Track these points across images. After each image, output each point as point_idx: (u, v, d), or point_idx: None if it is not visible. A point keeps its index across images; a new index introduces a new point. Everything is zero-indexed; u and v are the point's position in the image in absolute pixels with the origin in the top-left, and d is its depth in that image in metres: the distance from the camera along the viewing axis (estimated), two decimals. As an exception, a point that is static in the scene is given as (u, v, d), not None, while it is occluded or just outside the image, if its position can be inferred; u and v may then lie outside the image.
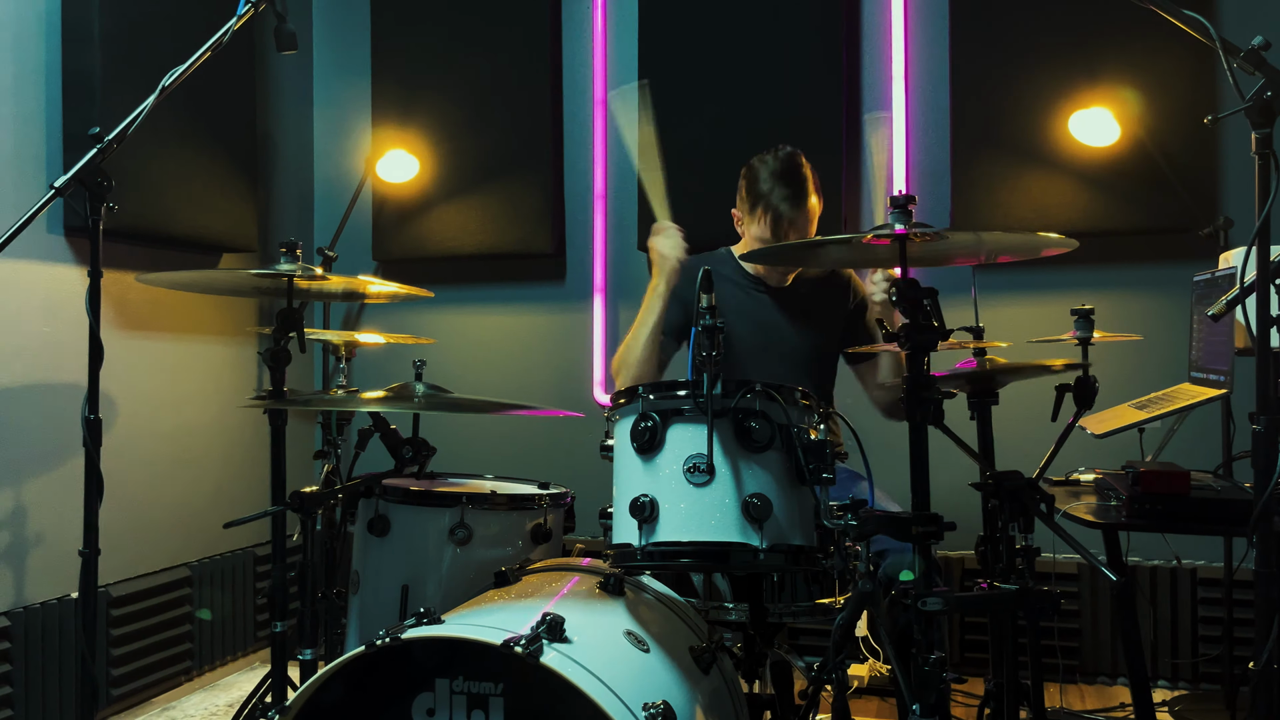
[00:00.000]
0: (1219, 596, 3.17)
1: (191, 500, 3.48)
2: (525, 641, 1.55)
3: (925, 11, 3.55)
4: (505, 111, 3.83)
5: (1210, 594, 3.24)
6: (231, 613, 3.63)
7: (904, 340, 1.74)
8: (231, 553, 3.65)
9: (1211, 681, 3.23)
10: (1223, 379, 2.43)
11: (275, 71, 3.95)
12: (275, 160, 3.96)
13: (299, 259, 2.24)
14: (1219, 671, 3.15)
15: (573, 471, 2.82)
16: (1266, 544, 1.57)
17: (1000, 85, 3.36)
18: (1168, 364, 3.13)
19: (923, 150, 3.55)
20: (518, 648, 1.54)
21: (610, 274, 3.83)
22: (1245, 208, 3.16)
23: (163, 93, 2.10)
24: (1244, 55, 1.56)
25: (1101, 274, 3.31)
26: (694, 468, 1.75)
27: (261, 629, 3.78)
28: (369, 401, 2.10)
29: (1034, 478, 1.90)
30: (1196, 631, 3.27)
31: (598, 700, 1.51)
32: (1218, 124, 3.24)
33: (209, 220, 3.47)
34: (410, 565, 2.27)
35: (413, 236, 3.92)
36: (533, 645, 1.54)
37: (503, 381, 3.91)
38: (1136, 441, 2.85)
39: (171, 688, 3.34)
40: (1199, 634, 3.27)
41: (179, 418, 3.44)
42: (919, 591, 1.71)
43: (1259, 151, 1.56)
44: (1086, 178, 3.27)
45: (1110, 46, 3.25)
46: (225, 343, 3.67)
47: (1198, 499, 2.20)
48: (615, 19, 3.84)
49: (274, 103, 3.95)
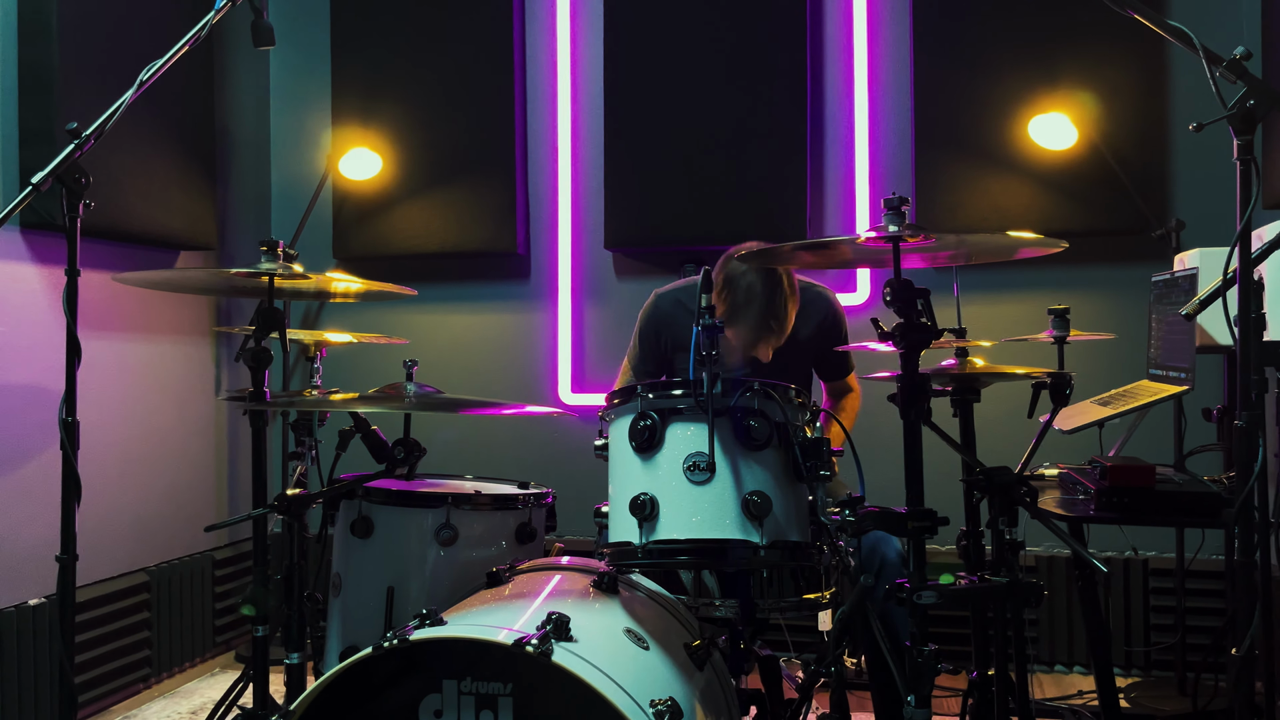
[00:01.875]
0: (1171, 586, 3.28)
1: (147, 504, 3.40)
2: (536, 641, 1.55)
3: (888, 18, 3.61)
4: (468, 109, 3.81)
5: (1162, 584, 3.35)
6: (190, 618, 3.55)
7: (899, 339, 1.78)
8: (190, 557, 3.58)
9: (1164, 669, 3.34)
10: (1184, 376, 2.52)
11: (233, 67, 3.87)
12: (233, 157, 3.89)
13: (279, 257, 2.20)
14: (1171, 659, 3.25)
15: (541, 470, 2.82)
16: (1247, 535, 1.64)
17: (962, 90, 3.43)
18: (1124, 362, 3.22)
19: (886, 153, 3.61)
20: (529, 647, 1.54)
21: (577, 273, 3.83)
22: (1195, 210, 3.28)
23: (141, 87, 2.05)
24: (1226, 65, 1.62)
25: (1058, 274, 3.39)
26: (694, 466, 1.77)
27: (220, 634, 3.71)
28: (363, 401, 2.07)
29: (1021, 473, 1.95)
30: (1149, 621, 3.38)
31: (611, 699, 1.51)
32: (1167, 129, 3.38)
33: (167, 218, 3.40)
34: (395, 567, 2.25)
35: (375, 235, 3.88)
36: (544, 645, 1.55)
37: (468, 380, 3.88)
38: (1096, 437, 2.94)
39: (130, 695, 3.27)
40: (1151, 623, 3.38)
41: (134, 419, 3.36)
42: (914, 585, 1.74)
43: (1241, 157, 1.62)
44: (1045, 180, 3.36)
45: (1068, 53, 3.34)
46: (180, 343, 3.59)
47: (1162, 492, 2.28)
48: (579, 18, 3.83)
49: (232, 99, 3.88)
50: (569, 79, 3.83)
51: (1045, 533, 2.88)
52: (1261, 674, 1.95)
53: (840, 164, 3.64)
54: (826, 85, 3.65)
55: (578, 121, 3.83)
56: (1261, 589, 1.63)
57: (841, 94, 3.64)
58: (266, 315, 2.18)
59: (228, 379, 3.80)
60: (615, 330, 3.79)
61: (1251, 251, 1.69)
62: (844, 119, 3.63)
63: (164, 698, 3.30)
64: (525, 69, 3.87)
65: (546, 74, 3.85)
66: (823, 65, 3.65)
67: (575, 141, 3.83)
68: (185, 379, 3.62)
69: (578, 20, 3.83)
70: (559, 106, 3.83)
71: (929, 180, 3.47)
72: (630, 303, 3.76)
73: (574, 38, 3.83)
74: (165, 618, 3.42)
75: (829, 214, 3.65)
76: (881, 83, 3.61)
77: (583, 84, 3.82)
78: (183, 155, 3.47)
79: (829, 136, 3.65)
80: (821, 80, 3.65)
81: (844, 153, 3.63)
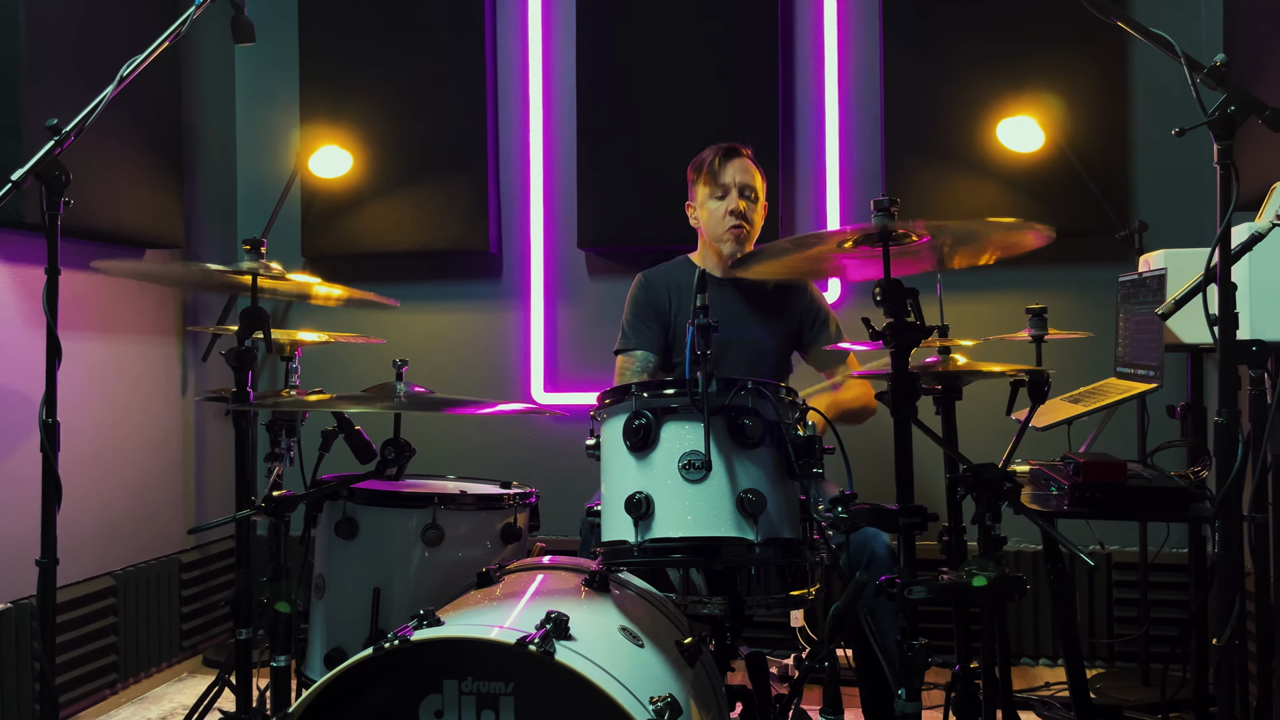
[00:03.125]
0: (1133, 580, 3.36)
1: (114, 506, 3.34)
2: (538, 640, 1.55)
3: (858, 20, 3.65)
4: (440, 108, 3.79)
5: (1124, 577, 3.43)
6: (157, 622, 3.50)
7: (889, 338, 1.81)
8: (156, 560, 3.53)
9: (1127, 660, 3.42)
10: (1152, 374, 2.58)
11: (199, 63, 3.82)
12: (200, 154, 3.83)
13: (262, 256, 2.18)
14: (1134, 650, 3.33)
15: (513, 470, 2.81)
16: (1228, 529, 1.69)
17: (931, 93, 3.48)
18: (1090, 360, 3.29)
19: (856, 154, 3.65)
20: (531, 646, 1.54)
21: (549, 272, 3.82)
22: (1156, 212, 3.37)
23: (121, 83, 2.02)
24: (1207, 72, 1.66)
25: (1027, 275, 3.46)
26: (689, 464, 1.78)
27: (188, 638, 3.66)
28: (351, 401, 2.06)
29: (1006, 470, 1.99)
30: (1112, 613, 3.46)
31: (615, 696, 1.52)
32: (1129, 133, 3.46)
33: (134, 215, 3.34)
34: (380, 568, 2.24)
35: (345, 233, 3.85)
36: (546, 644, 1.55)
37: (439, 380, 3.84)
38: (1064, 433, 3.00)
39: (98, 701, 3.21)
40: (1114, 615, 3.46)
41: (99, 420, 3.30)
42: (904, 580, 1.77)
43: (1221, 162, 1.67)
44: (1013, 182, 3.42)
45: (1034, 57, 3.41)
46: (147, 342, 3.53)
47: (1134, 487, 2.34)
48: (551, 16, 3.83)
49: (198, 95, 3.82)
50: (540, 77, 3.82)
51: (1012, 527, 2.94)
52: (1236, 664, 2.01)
53: (811, 165, 3.67)
54: (797, 87, 3.69)
55: (549, 120, 3.83)
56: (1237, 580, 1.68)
57: (812, 96, 3.67)
58: (250, 315, 2.15)
59: (194, 379, 3.75)
60: (588, 329, 3.79)
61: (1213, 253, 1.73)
62: (815, 120, 3.67)
63: (133, 703, 3.25)
64: (496, 67, 3.86)
65: (518, 72, 3.85)
66: (794, 67, 3.69)
67: (547, 140, 3.82)
68: (152, 379, 3.56)
69: (549, 18, 3.83)
70: (531, 105, 3.82)
71: (898, 181, 3.51)
72: (603, 302, 3.78)
73: (546, 36, 3.83)
74: (132, 622, 3.36)
75: (800, 214, 3.69)
76: (852, 85, 3.65)
77: (554, 82, 3.82)
78: (149, 152, 3.41)
79: (800, 137, 3.68)
80: (792, 82, 3.69)
81: (815, 154, 3.67)
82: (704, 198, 2.84)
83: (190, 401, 3.74)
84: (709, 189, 2.83)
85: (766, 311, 2.87)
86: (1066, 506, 2.36)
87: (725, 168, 2.81)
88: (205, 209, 3.87)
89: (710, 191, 2.82)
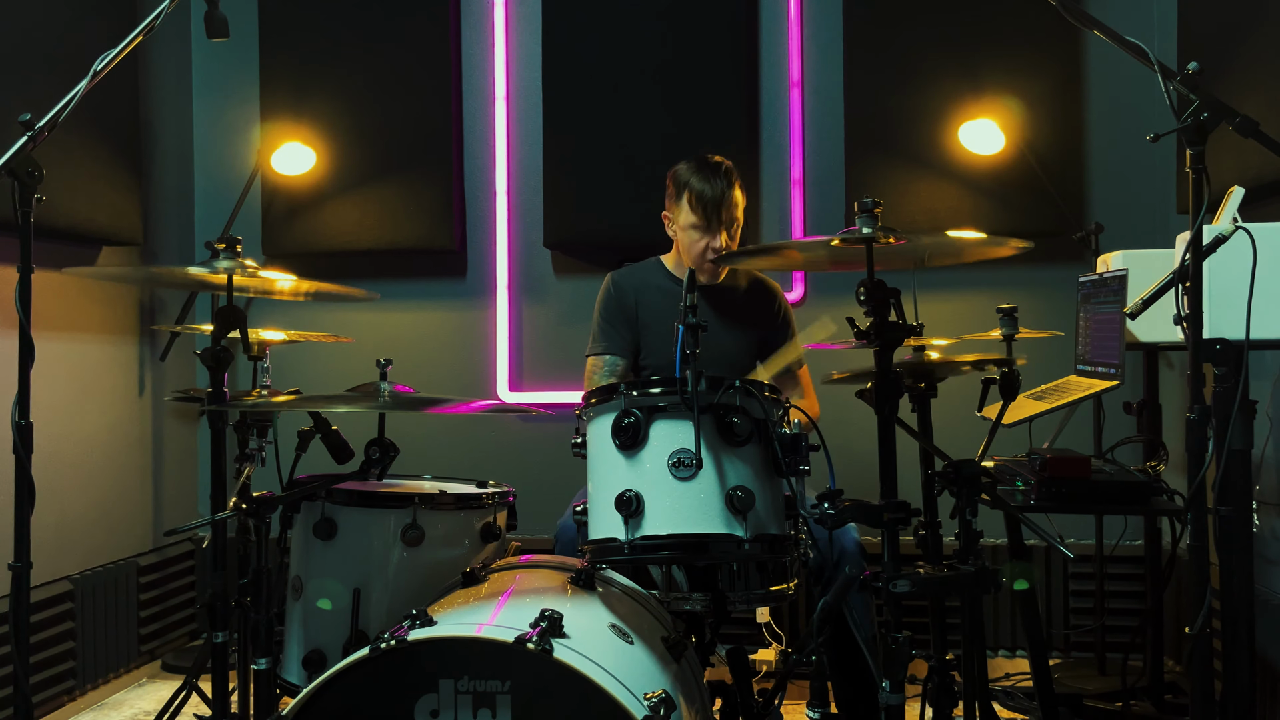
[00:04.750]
0: (1089, 572, 3.45)
1: (71, 509, 3.26)
2: (536, 638, 1.56)
3: (820, 24, 3.69)
4: (405, 105, 3.75)
5: (1081, 569, 3.52)
6: (115, 627, 3.42)
7: (873, 337, 1.84)
8: (114, 564, 3.45)
9: (1083, 650, 3.51)
10: (1114, 371, 2.65)
11: (154, 56, 3.74)
12: (157, 150, 3.75)
13: (238, 255, 2.15)
14: (1091, 640, 3.42)
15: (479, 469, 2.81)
16: (1200, 522, 1.75)
17: (893, 95, 3.53)
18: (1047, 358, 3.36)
19: (819, 156, 3.69)
20: (530, 644, 1.55)
21: (514, 271, 3.81)
22: (1111, 214, 3.45)
23: (95, 78, 1.99)
24: (1180, 79, 1.72)
25: (989, 274, 3.52)
26: (679, 462, 1.80)
27: (145, 643, 3.58)
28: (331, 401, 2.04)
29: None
30: (1068, 605, 3.55)
31: (613, 692, 1.54)
32: (1084, 137, 3.55)
33: (91, 211, 3.26)
34: (359, 568, 2.23)
35: (307, 231, 3.80)
36: (543, 642, 1.56)
37: (403, 378, 3.78)
38: (1025, 430, 3.07)
39: (55, 709, 3.14)
40: (1070, 606, 3.55)
41: (55, 421, 3.22)
42: (889, 574, 1.81)
43: (1193, 167, 1.73)
44: (974, 184, 3.49)
45: (994, 62, 3.47)
46: (104, 342, 3.46)
47: (1098, 481, 2.41)
48: (517, 14, 3.82)
49: (154, 89, 3.74)
50: (506, 75, 3.81)
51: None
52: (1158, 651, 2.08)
53: (775, 166, 3.71)
54: (762, 89, 3.72)
55: (515, 119, 3.81)
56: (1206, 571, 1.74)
57: (777, 97, 3.71)
58: (225, 314, 2.13)
59: (152, 379, 3.68)
60: (554, 328, 3.79)
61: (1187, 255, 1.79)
62: (779, 122, 3.71)
63: (92, 710, 3.18)
64: (462, 64, 3.84)
65: (484, 69, 3.83)
66: (758, 69, 3.71)
67: (513, 139, 3.81)
68: (109, 378, 3.48)
69: (515, 16, 3.82)
70: (496, 103, 3.81)
71: (860, 183, 3.55)
72: (569, 301, 3.78)
73: (512, 34, 3.82)
74: (90, 627, 3.29)
75: (764, 215, 3.72)
76: (815, 87, 3.69)
77: (521, 81, 3.81)
78: (105, 147, 3.33)
79: (764, 139, 3.71)
80: (756, 84, 3.72)
81: (779, 155, 3.70)
82: (686, 223, 2.79)
83: (148, 402, 3.66)
84: (692, 218, 2.76)
85: (735, 318, 2.88)
86: (1034, 501, 2.42)
87: (714, 205, 2.74)
88: (163, 206, 3.79)
89: (694, 221, 2.76)
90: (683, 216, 2.80)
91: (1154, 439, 2.93)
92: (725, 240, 2.77)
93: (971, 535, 1.92)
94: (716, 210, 2.74)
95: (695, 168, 2.80)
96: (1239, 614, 1.93)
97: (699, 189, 2.75)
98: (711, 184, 2.75)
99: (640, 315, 2.89)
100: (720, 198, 2.74)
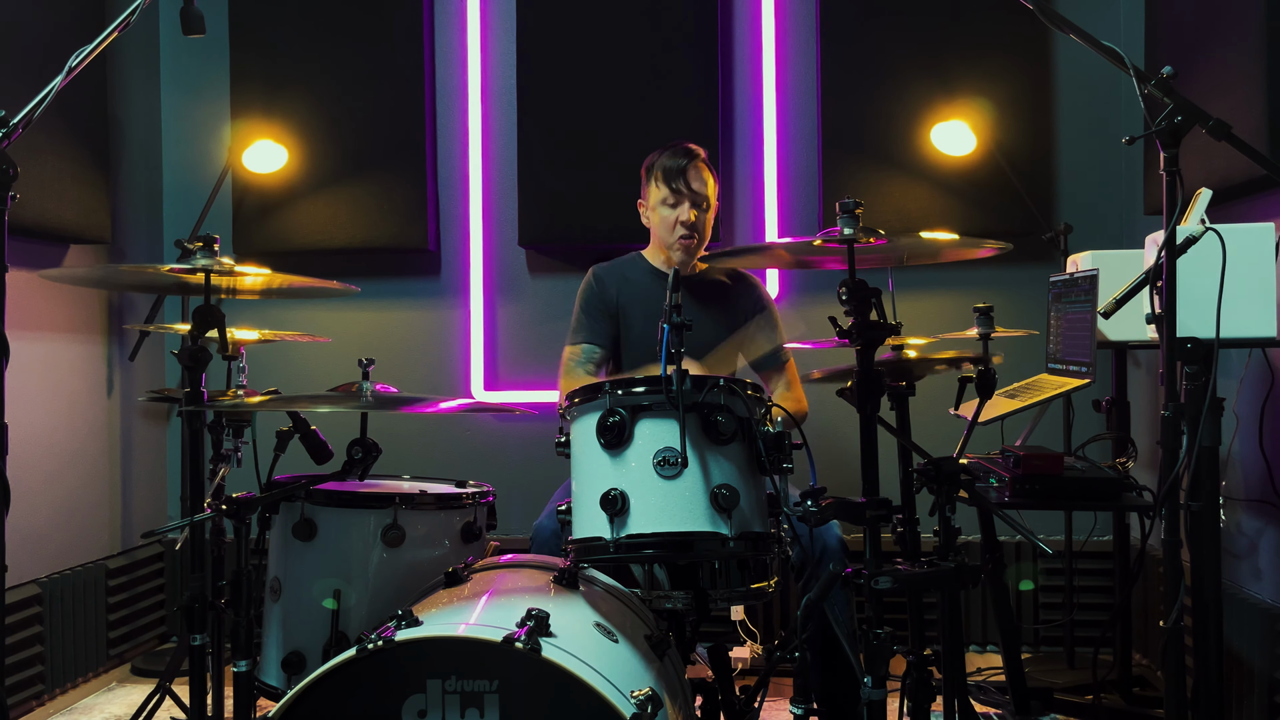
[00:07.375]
0: (1058, 567, 3.50)
1: (38, 512, 3.21)
2: (524, 637, 1.56)
3: (796, 25, 3.72)
4: (378, 103, 3.73)
5: (1050, 565, 3.57)
6: (84, 631, 3.38)
7: (855, 336, 1.86)
8: (82, 567, 3.40)
9: (1052, 644, 3.56)
10: (1085, 370, 2.70)
11: (122, 51, 3.69)
12: (125, 147, 3.71)
13: (215, 253, 2.13)
14: (1060, 635, 3.48)
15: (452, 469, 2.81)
16: (1174, 518, 1.78)
17: (867, 97, 3.57)
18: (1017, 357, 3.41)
19: (793, 157, 3.72)
20: (518, 643, 1.55)
21: (489, 270, 3.80)
22: (1080, 215, 3.51)
23: (70, 74, 1.97)
24: (1155, 83, 1.75)
25: (957, 274, 3.57)
26: (664, 461, 1.81)
27: (114, 646, 3.54)
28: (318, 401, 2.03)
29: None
30: (1038, 599, 3.61)
31: (601, 691, 1.54)
32: (1053, 139, 3.60)
33: (59, 209, 3.22)
34: (339, 569, 2.22)
35: (279, 229, 3.76)
36: (531, 641, 1.56)
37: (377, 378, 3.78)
38: (997, 427, 3.12)
39: (25, 713, 3.09)
40: (1040, 601, 3.60)
41: (21, 422, 3.16)
42: (871, 571, 1.83)
43: (1167, 169, 1.76)
44: (945, 185, 3.53)
45: (965, 63, 3.52)
46: (72, 341, 3.41)
47: (1070, 478, 2.45)
48: (491, 12, 3.81)
49: (122, 85, 3.69)
50: (480, 73, 3.80)
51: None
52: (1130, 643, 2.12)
53: (749, 166, 3.73)
54: (736, 89, 3.74)
55: (490, 118, 3.80)
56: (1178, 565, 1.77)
57: (751, 98, 3.73)
58: (204, 313, 2.10)
59: (121, 379, 3.63)
60: (529, 327, 3.79)
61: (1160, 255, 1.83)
62: (753, 122, 3.73)
63: (62, 714, 3.14)
64: (435, 62, 3.82)
65: (458, 68, 3.82)
66: (733, 70, 3.74)
67: (487, 138, 3.80)
68: (77, 379, 3.43)
69: (489, 14, 3.81)
70: (470, 101, 3.79)
71: (834, 183, 3.58)
72: (544, 300, 3.78)
73: (486, 32, 3.81)
74: (59, 631, 3.24)
75: (739, 215, 3.74)
76: (789, 87, 3.72)
77: (495, 79, 3.80)
78: (73, 144, 3.29)
79: (738, 139, 3.73)
80: (731, 84, 3.74)
81: (753, 155, 3.73)
82: (656, 201, 2.86)
83: (116, 402, 3.61)
84: (661, 193, 2.84)
85: (717, 311, 2.91)
86: (1008, 498, 2.45)
87: (679, 174, 2.82)
88: (131, 204, 3.75)
89: (663, 196, 2.83)
90: (653, 196, 2.88)
91: (1123, 436, 2.98)
92: (695, 216, 2.83)
93: (951, 532, 1.95)
94: (684, 178, 2.82)
95: (664, 149, 2.91)
96: (1209, 608, 1.97)
97: (667, 164, 2.85)
98: (678, 159, 2.85)
99: (621, 306, 2.92)
100: (686, 167, 2.83)
